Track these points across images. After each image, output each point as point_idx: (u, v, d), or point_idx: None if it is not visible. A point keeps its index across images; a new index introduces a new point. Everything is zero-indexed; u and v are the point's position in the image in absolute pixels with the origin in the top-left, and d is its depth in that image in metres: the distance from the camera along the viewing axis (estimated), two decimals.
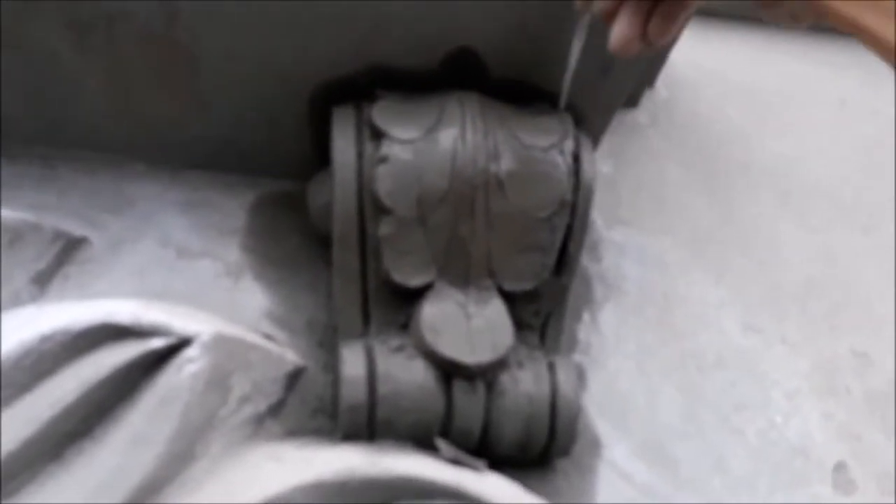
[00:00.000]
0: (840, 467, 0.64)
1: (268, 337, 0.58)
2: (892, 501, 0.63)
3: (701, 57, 0.96)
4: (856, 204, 0.83)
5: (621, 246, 0.74)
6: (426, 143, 0.55)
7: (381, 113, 0.57)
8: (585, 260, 0.73)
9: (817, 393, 0.68)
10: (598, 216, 0.77)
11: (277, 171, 0.69)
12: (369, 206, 0.55)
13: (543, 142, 0.57)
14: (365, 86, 0.59)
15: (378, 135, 0.56)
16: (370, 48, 0.58)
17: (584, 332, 0.68)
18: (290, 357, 0.56)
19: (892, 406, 0.69)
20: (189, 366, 0.47)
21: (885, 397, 0.69)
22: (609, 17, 0.34)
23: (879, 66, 1.05)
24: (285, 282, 0.64)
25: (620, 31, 0.33)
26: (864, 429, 0.67)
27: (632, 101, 0.91)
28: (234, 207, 0.67)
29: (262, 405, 0.53)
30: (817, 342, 0.71)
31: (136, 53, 0.58)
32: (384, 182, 0.54)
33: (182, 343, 0.48)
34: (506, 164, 0.55)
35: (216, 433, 0.49)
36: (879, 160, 0.90)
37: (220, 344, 0.49)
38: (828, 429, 0.66)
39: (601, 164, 0.82)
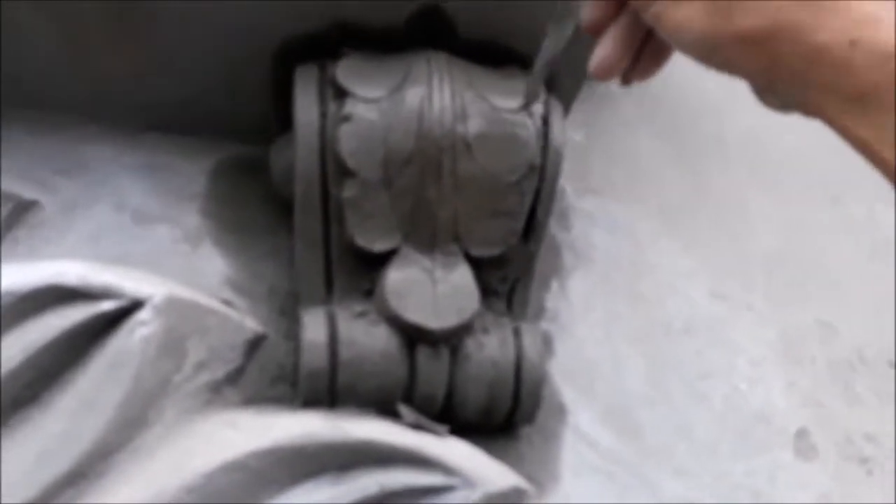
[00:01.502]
0: (802, 433, 0.65)
1: (227, 303, 0.56)
2: (852, 466, 0.64)
3: None
4: (824, 177, 0.83)
5: (591, 215, 0.74)
6: (391, 103, 0.54)
7: (346, 71, 0.55)
8: (555, 228, 0.73)
9: (782, 361, 0.69)
10: (568, 185, 0.76)
11: (239, 134, 0.66)
12: (332, 168, 0.54)
13: (512, 103, 0.56)
14: (330, 44, 0.57)
15: (342, 93, 0.54)
16: (335, 4, 0.56)
17: (552, 299, 0.67)
18: (250, 324, 0.55)
19: (855, 374, 0.70)
20: (141, 329, 0.45)
21: (849, 366, 0.70)
22: (594, 30, 0.32)
23: None
24: (246, 248, 0.62)
25: (604, 54, 0.31)
26: (826, 396, 0.68)
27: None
28: (193, 171, 0.65)
29: (219, 372, 0.52)
30: (783, 311, 0.72)
31: (92, 9, 0.55)
32: (348, 142, 0.53)
33: (134, 306, 0.46)
34: (474, 126, 0.54)
35: (170, 399, 0.48)
36: None
37: (175, 307, 0.47)
38: (791, 396, 0.67)
39: (573, 132, 0.81)
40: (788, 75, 0.26)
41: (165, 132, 0.66)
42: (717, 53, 0.27)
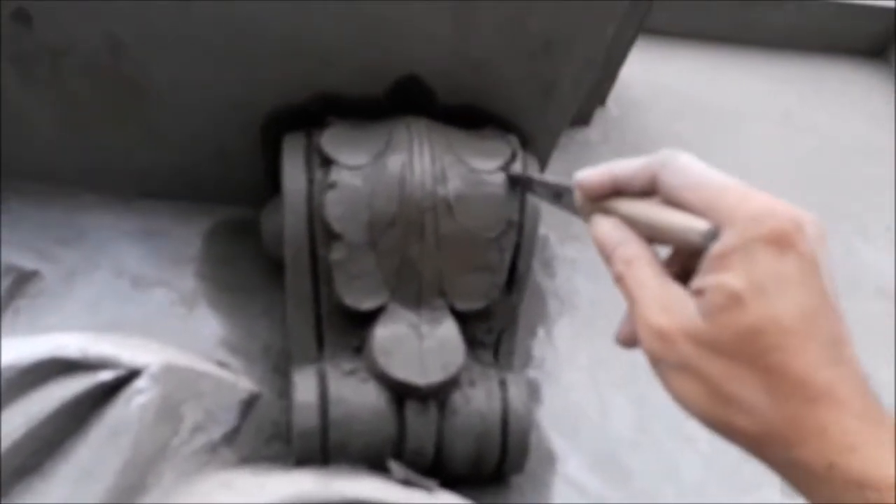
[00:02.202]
0: None
1: (221, 364, 0.58)
2: None
3: (651, 75, 0.99)
4: None
5: (574, 261, 0.76)
6: (375, 169, 0.56)
7: (330, 140, 0.58)
8: (539, 276, 0.75)
9: None
10: (551, 233, 0.79)
11: (232, 198, 0.69)
12: (320, 232, 0.56)
13: (490, 165, 0.59)
14: (315, 114, 0.61)
15: (327, 161, 0.57)
16: (318, 78, 0.59)
17: (538, 347, 0.69)
18: (244, 384, 0.56)
19: None
20: (138, 397, 0.47)
21: None
22: (626, 345, 0.35)
23: (821, 81, 1.09)
24: (241, 308, 0.64)
25: (630, 329, 0.34)
26: None
27: (584, 119, 0.93)
28: (188, 235, 0.68)
29: (215, 433, 0.53)
30: None
31: (82, 86, 0.58)
32: (334, 208, 0.55)
33: (131, 375, 0.48)
34: (453, 188, 0.57)
35: (168, 463, 0.49)
36: (821, 172, 0.93)
37: (170, 374, 0.49)
38: None
39: None
40: (774, 468, 0.29)
41: (160, 198, 0.68)
42: (715, 430, 0.30)
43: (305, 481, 0.48)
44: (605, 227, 0.34)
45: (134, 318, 0.62)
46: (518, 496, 0.58)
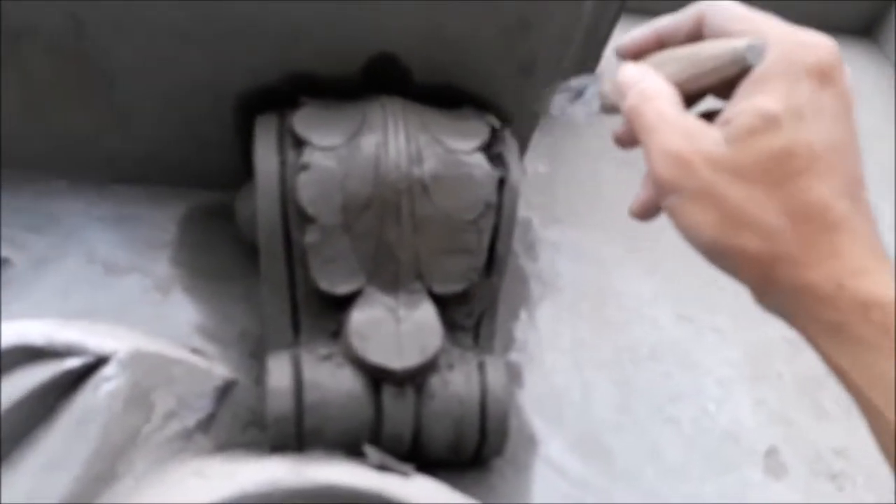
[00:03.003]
0: (771, 452, 0.66)
1: (196, 351, 0.57)
2: (822, 483, 0.65)
3: None
4: None
5: (557, 244, 0.76)
6: (348, 150, 0.55)
7: (303, 120, 0.56)
8: (522, 259, 0.74)
9: (749, 380, 0.70)
10: (534, 216, 0.78)
11: (207, 182, 0.68)
12: (293, 215, 0.55)
13: (467, 145, 0.58)
14: (288, 94, 0.59)
15: (300, 143, 0.55)
16: (289, 57, 0.58)
17: (520, 330, 0.68)
18: (219, 370, 0.56)
19: (822, 389, 0.71)
20: (106, 384, 0.46)
21: (815, 381, 0.71)
22: (622, 144, 0.35)
23: None
24: (217, 294, 0.63)
25: (644, 198, 0.34)
26: (794, 413, 0.69)
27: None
28: (163, 220, 0.66)
29: (189, 420, 0.52)
30: (749, 330, 0.73)
31: (46, 67, 0.57)
32: (307, 190, 0.54)
33: (98, 362, 0.47)
34: (429, 168, 0.56)
35: (139, 451, 0.48)
36: None
37: (139, 360, 0.48)
38: (759, 414, 0.68)
39: (538, 164, 0.83)
40: (781, 295, 0.29)
41: (134, 183, 0.67)
42: (723, 259, 0.30)
43: (278, 468, 0.48)
44: (630, 69, 0.33)
45: (106, 305, 0.61)
46: (498, 479, 0.58)
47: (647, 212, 0.35)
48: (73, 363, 0.46)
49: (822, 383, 0.72)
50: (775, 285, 0.29)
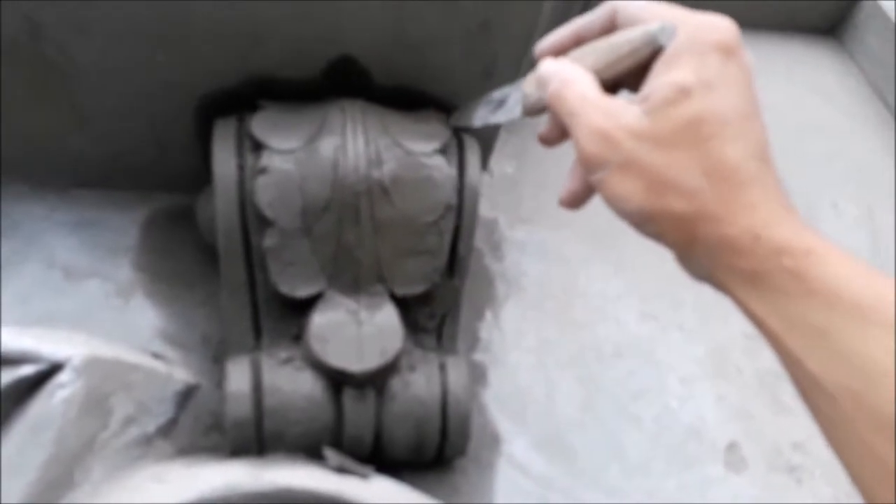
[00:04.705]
0: (732, 447, 0.67)
1: (157, 356, 0.57)
2: (781, 476, 0.67)
3: None
4: None
5: (523, 244, 0.76)
6: (306, 153, 0.55)
7: (261, 124, 0.56)
8: (487, 259, 0.75)
9: (711, 376, 0.71)
10: (500, 216, 0.79)
11: (169, 186, 0.68)
12: (252, 219, 0.55)
13: (427, 147, 0.58)
14: (249, 97, 0.59)
15: (258, 146, 0.55)
16: (250, 59, 0.58)
17: (485, 330, 0.69)
18: (179, 375, 0.55)
19: (782, 383, 0.72)
20: (60, 391, 0.46)
21: (774, 375, 0.72)
22: (548, 144, 0.38)
23: (772, 59, 1.09)
24: (178, 298, 0.63)
25: (572, 189, 0.37)
26: (755, 407, 0.70)
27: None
28: (125, 225, 0.66)
29: (149, 426, 0.52)
30: (711, 327, 0.74)
31: (7, 70, 0.56)
32: (265, 193, 0.54)
33: (53, 368, 0.47)
34: (389, 171, 0.56)
35: (97, 457, 0.48)
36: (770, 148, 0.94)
37: (95, 366, 0.48)
38: (721, 410, 0.69)
39: (504, 164, 0.84)
40: (703, 251, 0.31)
41: (95, 188, 0.67)
42: (650, 224, 0.32)
43: (237, 472, 0.48)
44: (550, 62, 0.35)
45: (67, 310, 0.60)
46: (462, 478, 0.58)
47: (575, 199, 0.37)
48: (27, 370, 0.46)
49: (781, 378, 0.73)
50: (698, 244, 0.31)
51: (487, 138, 0.68)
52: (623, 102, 0.33)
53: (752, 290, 0.30)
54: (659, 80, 0.32)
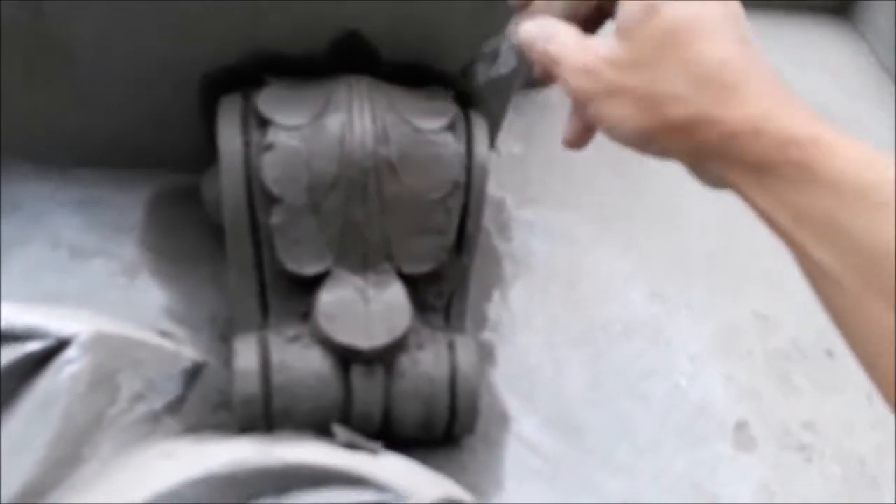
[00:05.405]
0: (741, 426, 0.67)
1: (164, 334, 0.57)
2: (791, 455, 0.66)
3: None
4: None
5: (531, 224, 0.75)
6: (313, 129, 0.55)
7: (267, 100, 0.56)
8: (495, 239, 0.74)
9: (720, 355, 0.71)
10: (508, 196, 0.78)
11: (174, 165, 0.67)
12: (259, 196, 0.55)
13: (434, 124, 0.57)
14: (253, 74, 0.58)
15: (264, 122, 0.55)
16: (253, 35, 0.57)
17: (493, 310, 0.69)
18: (187, 353, 0.55)
19: (792, 364, 0.72)
20: (68, 367, 0.46)
21: (785, 356, 0.72)
22: (576, 143, 0.38)
23: (785, 45, 1.08)
24: (185, 277, 0.63)
25: (574, 129, 0.37)
26: (764, 388, 0.70)
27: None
28: (129, 204, 0.65)
29: (157, 403, 0.52)
30: (720, 307, 0.74)
31: (7, 48, 0.55)
32: (271, 170, 0.54)
33: (60, 345, 0.46)
34: (396, 148, 0.55)
35: (105, 434, 0.48)
36: None
37: (102, 343, 0.47)
38: (730, 389, 0.69)
39: (511, 144, 0.83)
40: (709, 156, 0.31)
41: (99, 167, 0.66)
42: (653, 142, 0.32)
43: (246, 448, 0.47)
44: (527, 25, 0.36)
45: (72, 289, 0.60)
46: (470, 457, 0.58)
47: (577, 138, 0.37)
48: (34, 346, 0.46)
49: (791, 358, 0.73)
50: (703, 150, 0.31)
51: (494, 115, 0.67)
52: (599, 38, 0.34)
53: (759, 186, 0.30)
54: (627, 5, 0.32)
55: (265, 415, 0.51)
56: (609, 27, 0.34)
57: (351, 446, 0.49)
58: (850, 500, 0.64)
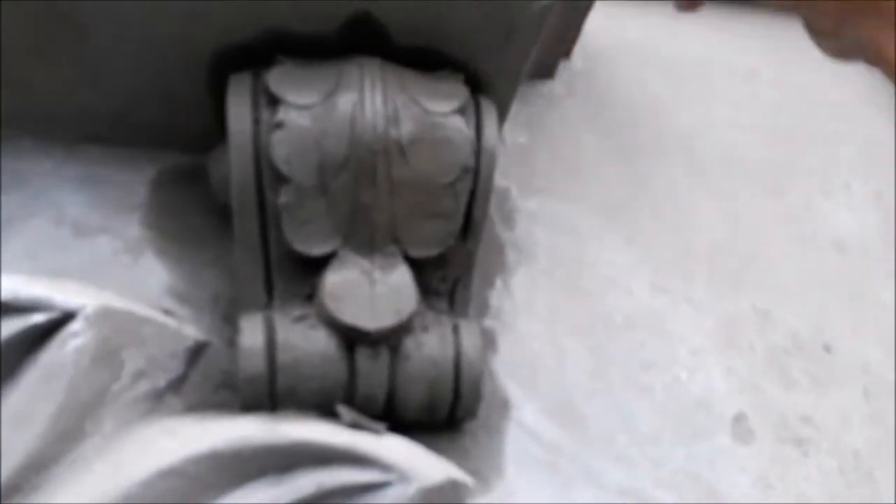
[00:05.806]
0: (740, 418, 0.67)
1: (167, 312, 0.57)
2: (788, 448, 0.67)
3: (616, 28, 0.97)
4: (762, 170, 0.86)
5: (535, 214, 0.75)
6: (324, 109, 0.54)
7: (278, 78, 0.55)
8: (499, 228, 0.74)
9: (720, 349, 0.71)
10: (513, 186, 0.78)
11: (180, 144, 0.66)
12: (267, 175, 0.54)
13: (445, 107, 0.57)
14: (263, 52, 0.58)
15: (274, 101, 0.55)
16: (265, 13, 0.56)
17: (496, 297, 0.69)
18: (190, 332, 0.55)
19: (791, 359, 0.72)
20: (73, 340, 0.45)
21: (784, 351, 0.72)
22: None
23: (787, 38, 1.08)
24: (189, 257, 0.62)
25: None
26: (763, 381, 0.70)
27: (548, 72, 0.91)
28: (133, 182, 0.65)
29: (160, 380, 0.52)
30: (722, 300, 0.74)
31: (15, 20, 0.55)
32: (281, 149, 0.53)
33: (65, 317, 0.46)
34: (406, 130, 0.55)
35: (108, 409, 0.48)
36: (785, 128, 0.93)
37: (107, 317, 0.47)
38: (729, 382, 0.69)
39: (517, 134, 0.83)
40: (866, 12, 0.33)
41: (104, 144, 0.65)
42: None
43: (250, 426, 0.47)
44: None
45: (75, 266, 0.59)
46: (471, 442, 0.58)
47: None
48: (38, 318, 0.45)
49: (791, 353, 0.73)
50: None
51: (503, 102, 0.67)
52: None
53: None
54: None
55: (270, 393, 0.51)
56: None
57: (355, 426, 0.49)
58: (846, 493, 0.64)
